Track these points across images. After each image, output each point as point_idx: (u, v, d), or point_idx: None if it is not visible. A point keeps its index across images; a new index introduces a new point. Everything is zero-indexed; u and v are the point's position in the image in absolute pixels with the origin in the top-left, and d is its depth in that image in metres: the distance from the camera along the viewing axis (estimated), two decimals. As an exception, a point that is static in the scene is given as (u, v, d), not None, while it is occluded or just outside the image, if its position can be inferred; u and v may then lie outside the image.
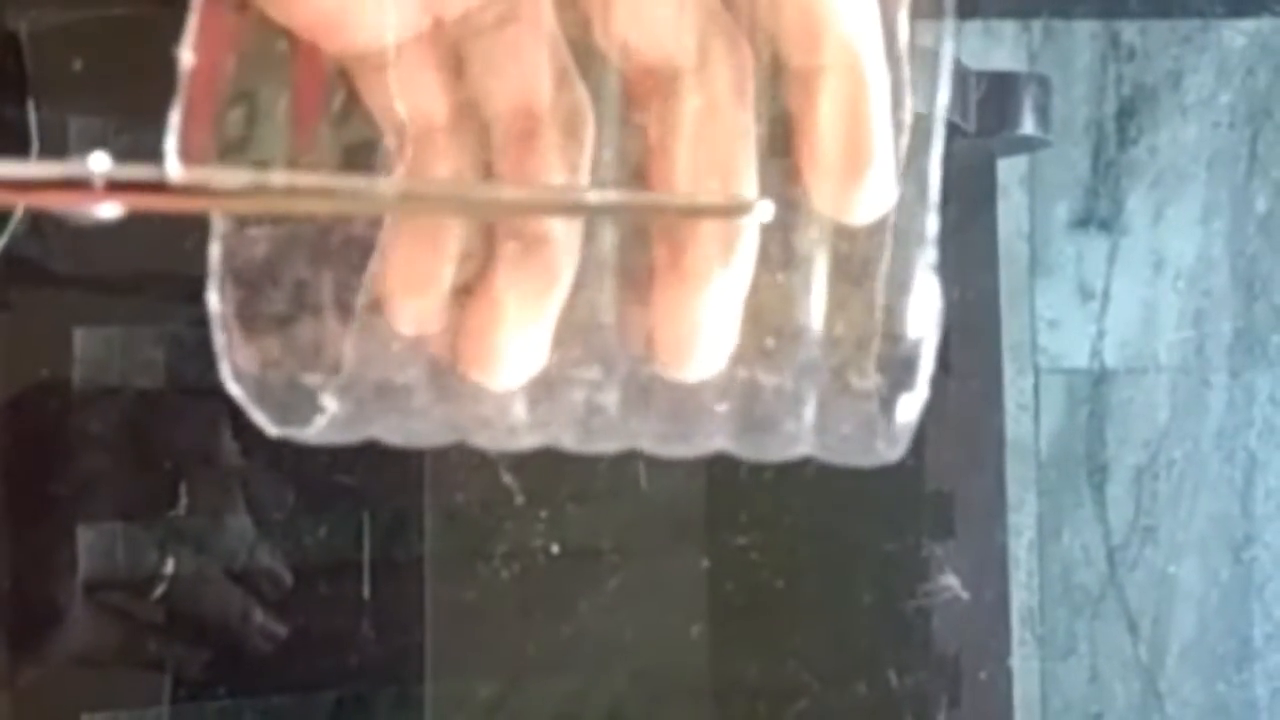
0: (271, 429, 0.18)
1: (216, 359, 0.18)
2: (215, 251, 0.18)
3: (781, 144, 0.18)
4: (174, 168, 0.15)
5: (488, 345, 0.18)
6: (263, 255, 0.18)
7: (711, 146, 0.18)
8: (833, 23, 0.18)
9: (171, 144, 0.16)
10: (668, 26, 0.18)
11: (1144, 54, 0.53)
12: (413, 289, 0.18)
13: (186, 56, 0.16)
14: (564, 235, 0.18)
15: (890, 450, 0.18)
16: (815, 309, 0.18)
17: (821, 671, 0.36)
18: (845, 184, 0.18)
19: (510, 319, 0.18)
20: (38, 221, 0.34)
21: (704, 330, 0.18)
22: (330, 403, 0.18)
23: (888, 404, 0.18)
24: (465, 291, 0.18)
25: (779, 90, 0.18)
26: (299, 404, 0.18)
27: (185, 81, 0.16)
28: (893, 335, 0.18)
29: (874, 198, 0.18)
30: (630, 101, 0.18)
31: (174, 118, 0.16)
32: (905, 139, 0.18)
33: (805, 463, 0.20)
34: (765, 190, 0.18)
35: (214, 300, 0.18)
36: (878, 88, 0.18)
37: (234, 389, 0.18)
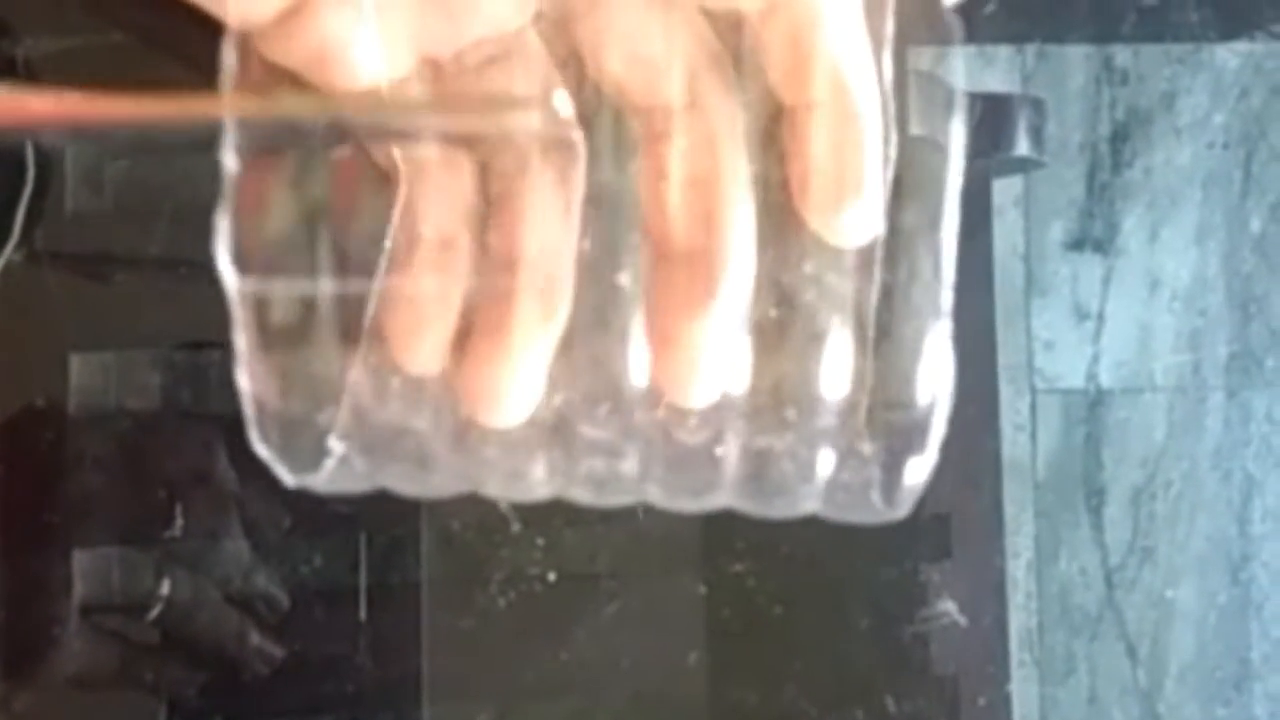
0: (289, 478, 0.18)
1: (246, 419, 0.18)
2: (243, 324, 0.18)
3: (776, 180, 0.18)
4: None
5: (488, 381, 0.18)
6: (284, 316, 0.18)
7: (703, 187, 0.18)
8: (822, 57, 0.18)
9: (222, 251, 0.16)
10: (657, 65, 0.18)
11: (1137, 76, 0.53)
12: (416, 328, 0.18)
13: (230, 161, 0.17)
14: (564, 270, 0.18)
15: (896, 511, 0.19)
16: (828, 377, 0.19)
17: (819, 698, 0.36)
18: (835, 210, 0.18)
19: (510, 354, 0.18)
20: (33, 247, 0.34)
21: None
22: (337, 445, 0.18)
23: (895, 467, 0.19)
24: (467, 334, 0.18)
25: (773, 127, 0.18)
26: (309, 447, 0.18)
27: (230, 187, 0.17)
28: (903, 402, 0.18)
29: (863, 222, 0.18)
30: (621, 143, 0.19)
31: (222, 224, 0.16)
32: (890, 172, 0.18)
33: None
34: (763, 231, 0.18)
35: (243, 379, 0.18)
36: (869, 121, 0.18)
37: (260, 446, 0.18)
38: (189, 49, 0.19)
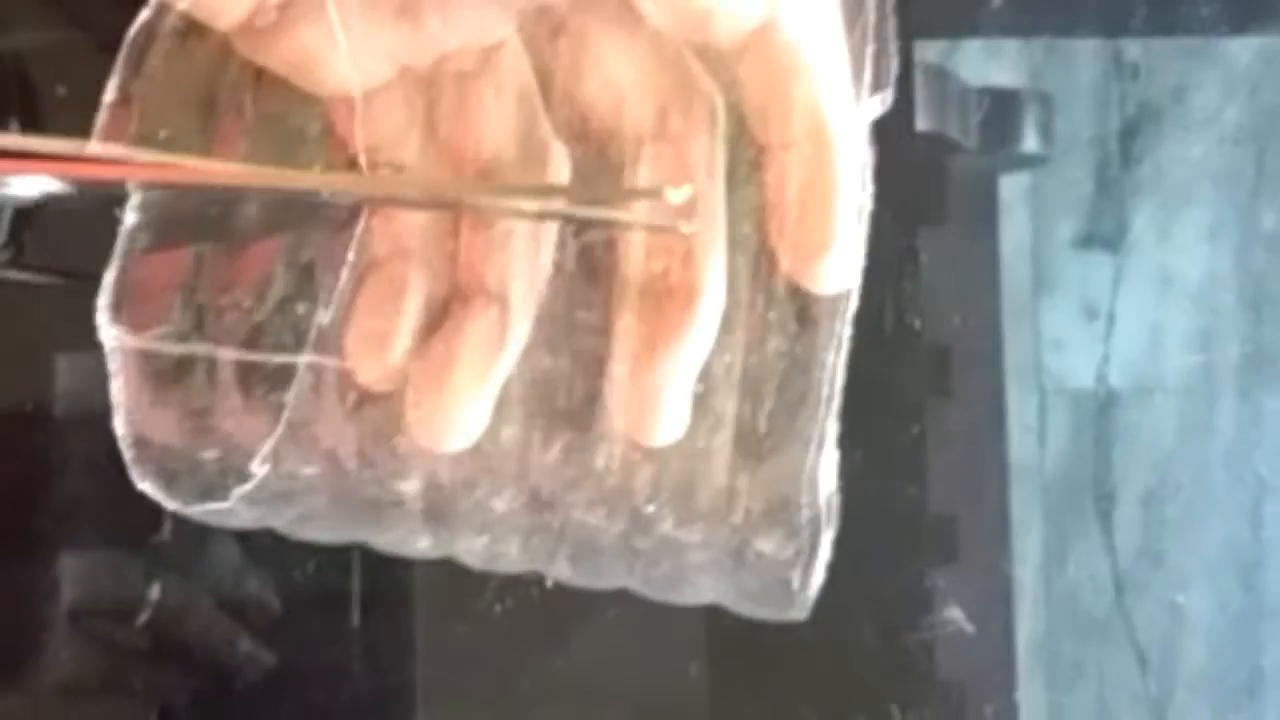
0: (185, 506, 0.18)
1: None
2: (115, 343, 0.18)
3: (752, 217, 0.18)
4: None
5: (432, 406, 0.18)
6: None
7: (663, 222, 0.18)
8: (800, 99, 0.18)
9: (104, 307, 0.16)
10: (627, 92, 0.18)
11: (1147, 70, 0.52)
12: (373, 344, 0.18)
13: (130, 219, 0.17)
14: (519, 298, 0.18)
15: (798, 612, 0.19)
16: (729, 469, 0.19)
17: (823, 707, 0.35)
18: (812, 256, 0.18)
19: (456, 380, 0.18)
20: (20, 248, 0.34)
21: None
22: (257, 469, 0.18)
23: (799, 569, 0.19)
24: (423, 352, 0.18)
25: (749, 165, 0.18)
26: (196, 481, 0.18)
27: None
28: (803, 500, 0.19)
29: (839, 269, 0.18)
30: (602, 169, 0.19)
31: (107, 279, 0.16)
32: (864, 226, 0.18)
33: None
34: (733, 268, 0.18)
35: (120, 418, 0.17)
36: (845, 164, 0.18)
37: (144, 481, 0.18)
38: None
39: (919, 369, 0.37)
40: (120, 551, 0.35)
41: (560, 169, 0.18)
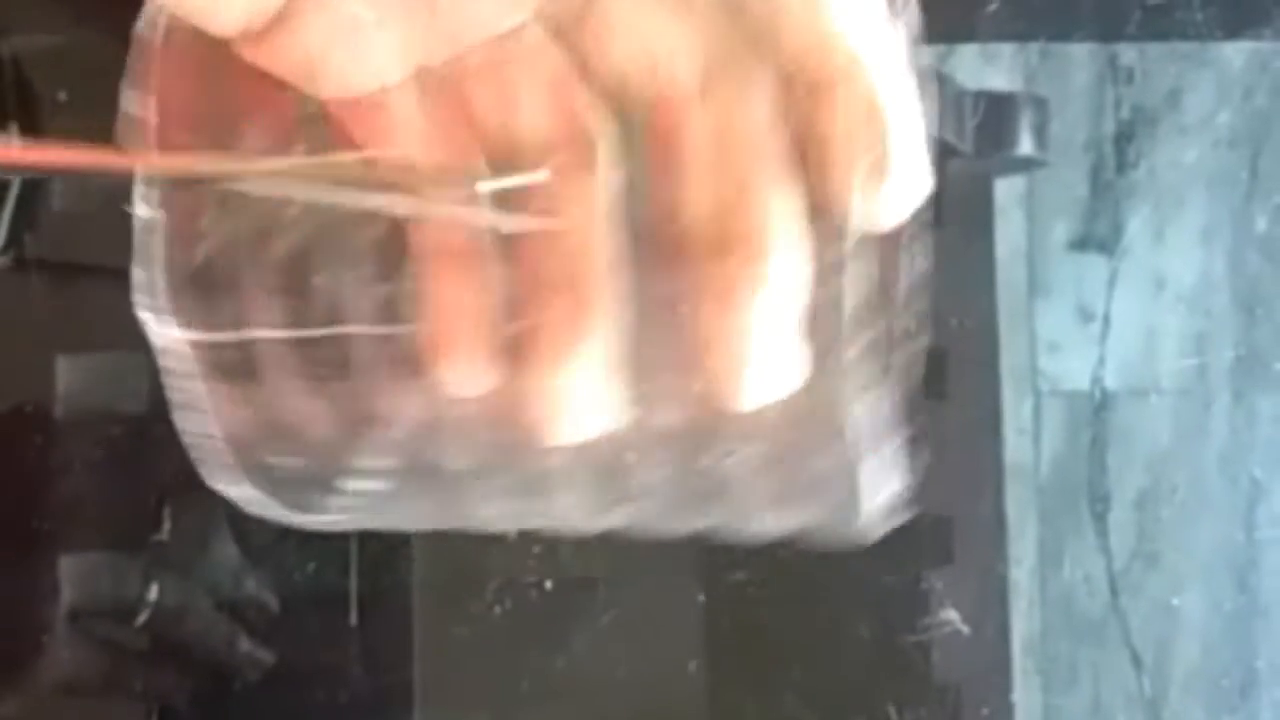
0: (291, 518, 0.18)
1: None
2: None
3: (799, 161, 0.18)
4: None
5: (552, 394, 0.17)
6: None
7: (725, 173, 0.17)
8: (838, 32, 0.17)
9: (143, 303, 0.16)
10: (665, 55, 0.17)
11: (1142, 75, 0.53)
12: (463, 338, 0.17)
13: (142, 211, 0.16)
14: (595, 282, 0.17)
15: (862, 531, 0.18)
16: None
17: (820, 707, 0.36)
18: (869, 191, 0.17)
19: (558, 371, 0.17)
20: (20, 249, 0.34)
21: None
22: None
23: (859, 486, 0.18)
24: (512, 351, 0.17)
25: (790, 107, 0.18)
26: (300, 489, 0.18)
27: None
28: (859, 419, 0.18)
29: (901, 199, 0.18)
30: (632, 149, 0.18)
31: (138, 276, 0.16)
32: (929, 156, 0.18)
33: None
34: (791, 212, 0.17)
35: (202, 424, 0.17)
36: (891, 91, 0.17)
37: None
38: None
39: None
40: (119, 552, 0.35)
41: (596, 162, 0.17)
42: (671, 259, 0.17)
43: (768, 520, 0.19)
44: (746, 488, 0.18)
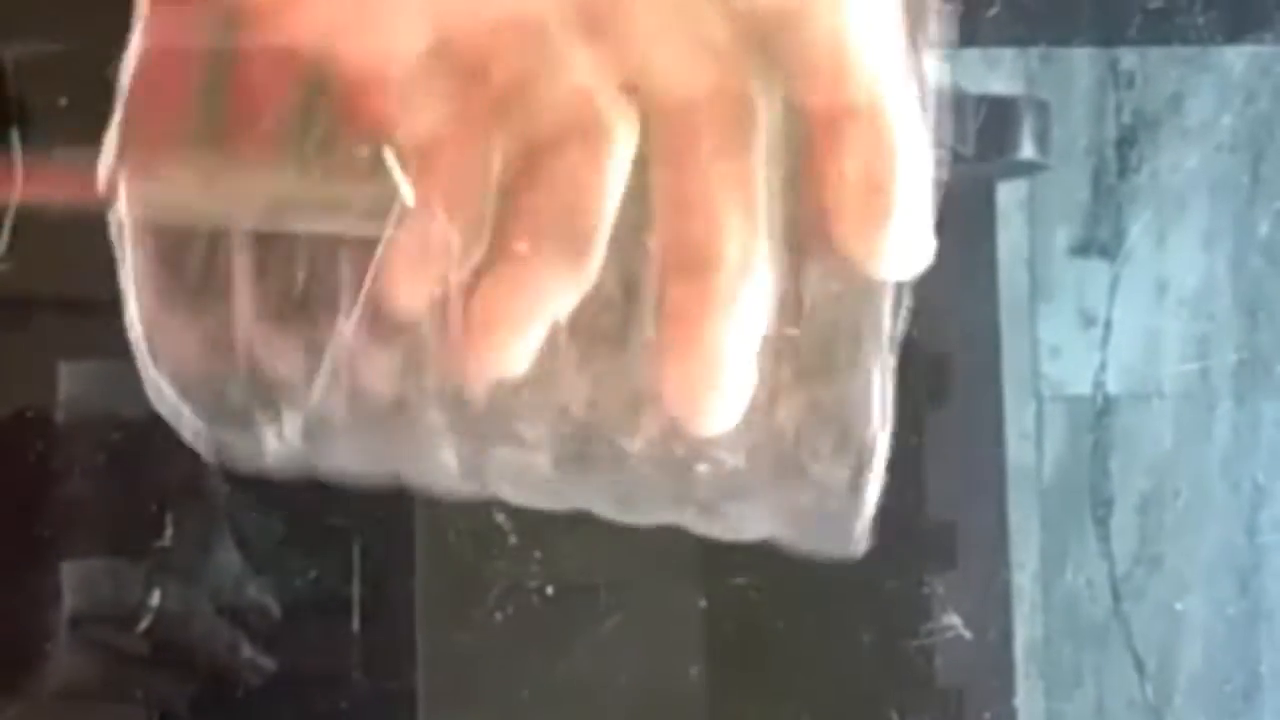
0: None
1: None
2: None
3: (793, 191, 0.18)
4: None
5: (500, 318, 0.17)
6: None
7: (724, 187, 0.17)
8: (860, 60, 0.17)
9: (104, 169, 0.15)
10: (683, 57, 0.17)
11: (1143, 79, 0.53)
12: (420, 268, 0.17)
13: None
14: (592, 247, 0.17)
15: (849, 544, 0.18)
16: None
17: (822, 712, 0.35)
18: (873, 233, 0.17)
19: (514, 316, 0.17)
20: (23, 254, 0.34)
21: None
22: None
23: (849, 495, 0.18)
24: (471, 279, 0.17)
25: (792, 134, 0.18)
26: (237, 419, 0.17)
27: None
28: (853, 427, 0.18)
29: (905, 247, 0.17)
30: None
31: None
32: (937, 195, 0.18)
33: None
34: (774, 240, 0.17)
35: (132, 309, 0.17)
36: (906, 129, 0.17)
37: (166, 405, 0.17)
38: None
39: (917, 376, 0.37)
40: (121, 558, 0.35)
41: (613, 148, 0.17)
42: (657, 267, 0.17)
43: (746, 522, 0.19)
44: (726, 489, 0.18)
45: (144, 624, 0.34)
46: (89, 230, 0.35)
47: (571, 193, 0.17)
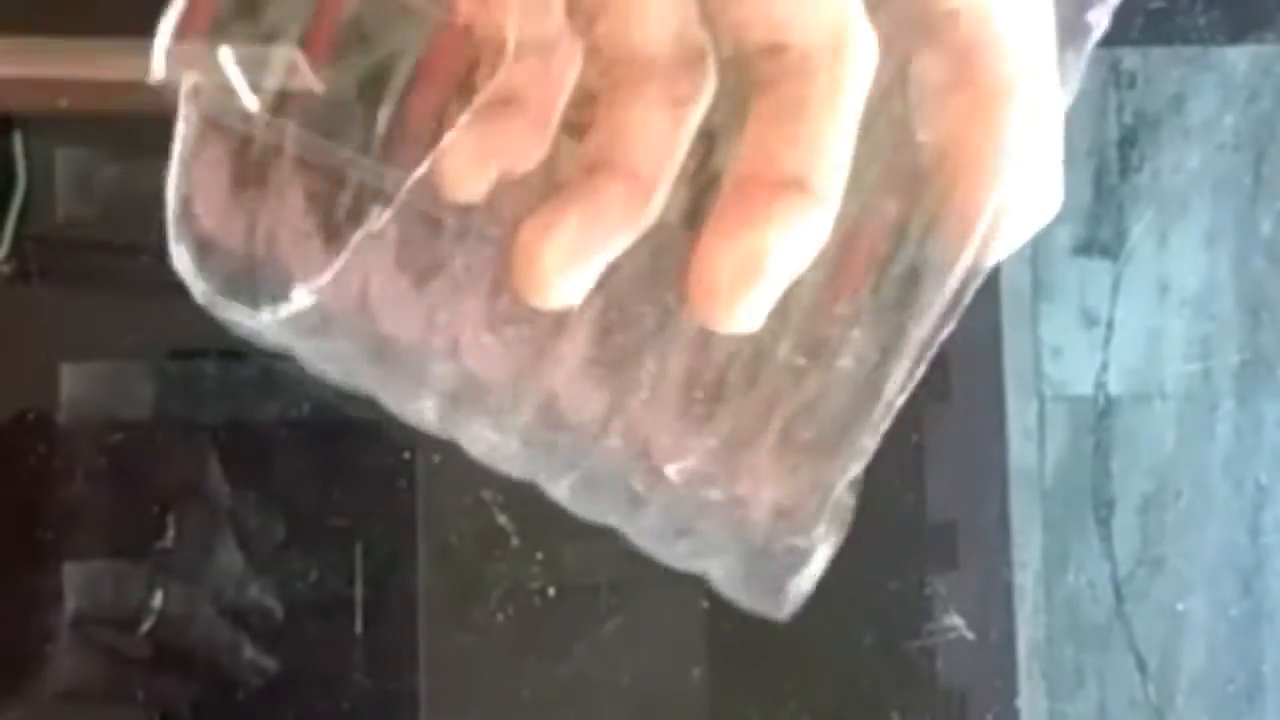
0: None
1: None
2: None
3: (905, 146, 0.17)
4: None
5: (537, 261, 0.16)
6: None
7: (821, 131, 0.16)
8: (1023, 35, 0.17)
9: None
10: (800, 4, 0.17)
11: (1145, 79, 0.53)
12: (480, 164, 0.17)
13: None
14: (656, 185, 0.17)
15: (780, 609, 0.18)
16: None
17: (824, 714, 0.35)
18: (977, 192, 0.17)
19: (569, 244, 0.16)
20: (24, 257, 0.34)
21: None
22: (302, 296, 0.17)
23: (796, 565, 0.18)
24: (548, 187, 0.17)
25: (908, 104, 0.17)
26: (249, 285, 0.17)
27: None
28: (824, 505, 0.18)
29: (1024, 225, 0.17)
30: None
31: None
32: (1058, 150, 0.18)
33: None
34: (872, 192, 0.17)
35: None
36: (1048, 109, 0.17)
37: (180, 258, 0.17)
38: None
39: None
40: (123, 559, 0.35)
41: (710, 74, 0.17)
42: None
43: (689, 557, 0.18)
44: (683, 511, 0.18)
45: (146, 625, 0.34)
46: (89, 230, 0.35)
47: (653, 131, 0.17)
